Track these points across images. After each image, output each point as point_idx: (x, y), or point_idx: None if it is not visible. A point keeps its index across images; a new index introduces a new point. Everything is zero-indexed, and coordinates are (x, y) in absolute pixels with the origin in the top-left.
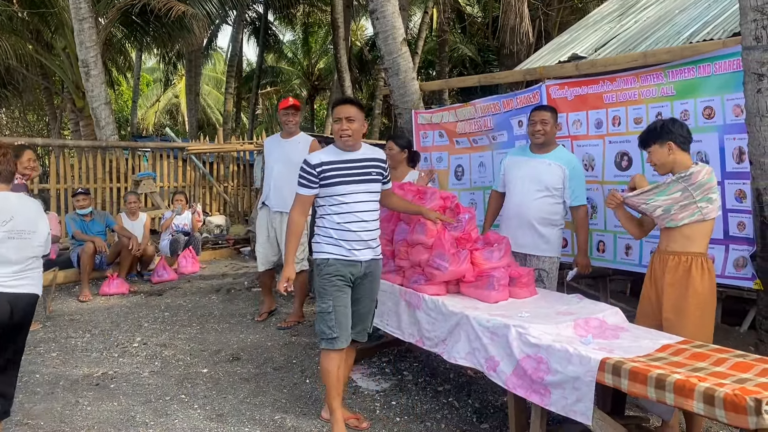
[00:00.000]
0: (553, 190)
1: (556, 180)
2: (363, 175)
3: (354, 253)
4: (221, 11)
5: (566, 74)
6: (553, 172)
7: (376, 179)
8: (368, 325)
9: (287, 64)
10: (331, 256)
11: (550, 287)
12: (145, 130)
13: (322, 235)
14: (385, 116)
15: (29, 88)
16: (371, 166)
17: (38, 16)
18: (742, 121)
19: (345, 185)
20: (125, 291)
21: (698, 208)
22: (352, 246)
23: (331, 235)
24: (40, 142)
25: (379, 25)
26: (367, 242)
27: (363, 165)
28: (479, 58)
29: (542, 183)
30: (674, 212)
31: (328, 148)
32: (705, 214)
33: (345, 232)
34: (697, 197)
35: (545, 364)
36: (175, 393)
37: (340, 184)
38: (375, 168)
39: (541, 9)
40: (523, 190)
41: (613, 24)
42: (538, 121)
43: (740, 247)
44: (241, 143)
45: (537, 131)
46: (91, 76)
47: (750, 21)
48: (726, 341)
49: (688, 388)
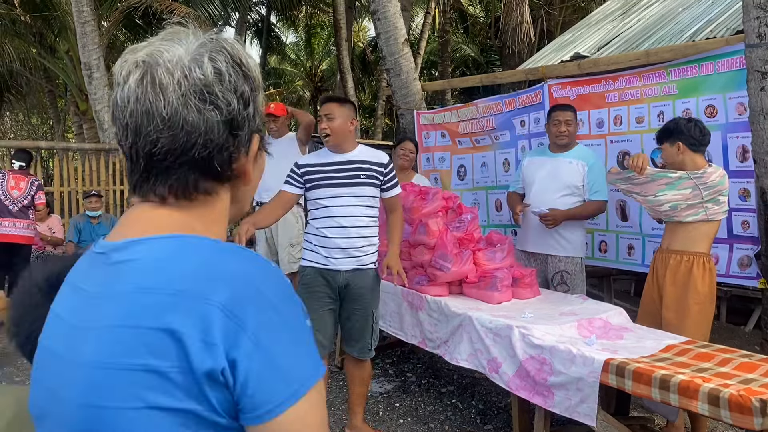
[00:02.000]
0: (575, 189)
1: (577, 178)
2: (349, 178)
3: (332, 261)
4: (224, 13)
5: (568, 73)
6: (575, 170)
7: (367, 183)
8: (368, 341)
9: (290, 65)
10: (308, 264)
11: (573, 289)
12: None
13: (305, 241)
14: (388, 117)
15: (33, 91)
16: (362, 168)
17: (41, 19)
18: (745, 120)
19: (325, 188)
20: None
21: (704, 208)
22: (330, 253)
23: (310, 240)
24: (43, 145)
25: (380, 26)
26: (347, 250)
27: (350, 167)
28: (481, 58)
29: (564, 182)
30: (680, 209)
31: (321, 151)
32: (710, 215)
33: (322, 238)
34: (705, 197)
35: (548, 365)
36: None
37: (320, 188)
38: (366, 171)
39: (544, 8)
40: (544, 189)
41: (615, 23)
42: (562, 122)
43: (744, 246)
44: None
45: (562, 132)
46: (94, 79)
47: (753, 18)
48: (731, 341)
49: (693, 389)
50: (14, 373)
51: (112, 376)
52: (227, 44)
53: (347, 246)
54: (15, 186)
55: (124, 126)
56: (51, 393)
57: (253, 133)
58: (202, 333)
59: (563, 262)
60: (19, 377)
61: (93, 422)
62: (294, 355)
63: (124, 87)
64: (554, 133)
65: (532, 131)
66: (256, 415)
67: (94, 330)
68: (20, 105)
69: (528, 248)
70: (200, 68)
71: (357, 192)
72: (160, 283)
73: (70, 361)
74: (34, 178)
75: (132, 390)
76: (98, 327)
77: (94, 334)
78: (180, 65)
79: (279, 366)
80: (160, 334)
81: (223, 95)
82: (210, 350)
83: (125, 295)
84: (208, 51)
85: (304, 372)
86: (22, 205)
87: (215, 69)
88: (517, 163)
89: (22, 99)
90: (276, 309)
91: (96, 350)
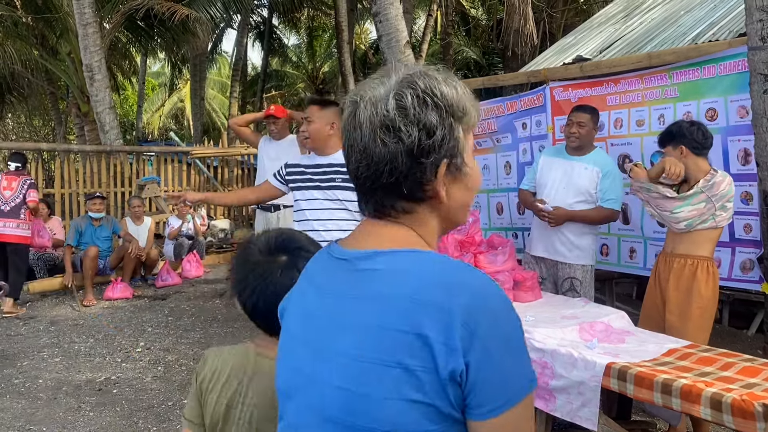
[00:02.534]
0: (588, 195)
1: (591, 184)
2: (324, 181)
3: None
4: (225, 15)
5: (571, 76)
6: (590, 176)
7: (341, 186)
8: None
9: (292, 67)
10: None
11: (582, 297)
12: (151, 135)
13: None
14: None
15: (34, 93)
16: (339, 172)
17: (43, 21)
18: (746, 123)
19: (303, 191)
20: (129, 295)
21: (713, 216)
22: None
23: None
24: (45, 147)
25: (382, 29)
26: None
27: (327, 171)
28: (483, 61)
29: (577, 187)
30: (695, 225)
31: (312, 153)
32: (718, 222)
33: None
34: (718, 208)
35: (550, 368)
36: (178, 399)
37: (298, 189)
38: (342, 174)
39: (546, 11)
40: (556, 194)
41: (617, 25)
42: (574, 123)
43: (747, 249)
44: (245, 147)
45: (572, 133)
46: (96, 81)
47: (756, 21)
48: (733, 345)
49: (695, 393)
50: (14, 375)
51: (371, 369)
52: (420, 78)
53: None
54: (7, 186)
55: (346, 152)
56: (300, 374)
57: (443, 158)
58: (446, 338)
59: (573, 269)
60: (18, 379)
61: (351, 404)
62: (513, 365)
63: (342, 121)
64: (565, 134)
65: (534, 134)
66: (480, 412)
67: (352, 327)
68: (22, 107)
69: (538, 253)
70: (385, 105)
71: (330, 195)
72: (406, 291)
73: (325, 350)
74: (27, 178)
75: (388, 383)
76: (355, 325)
77: (353, 330)
78: (373, 103)
79: (501, 373)
80: (412, 337)
81: (406, 128)
82: (452, 354)
83: (376, 300)
84: (398, 87)
85: (520, 382)
86: (13, 204)
87: (399, 105)
88: (518, 165)
89: (24, 100)
90: (502, 320)
91: (355, 345)
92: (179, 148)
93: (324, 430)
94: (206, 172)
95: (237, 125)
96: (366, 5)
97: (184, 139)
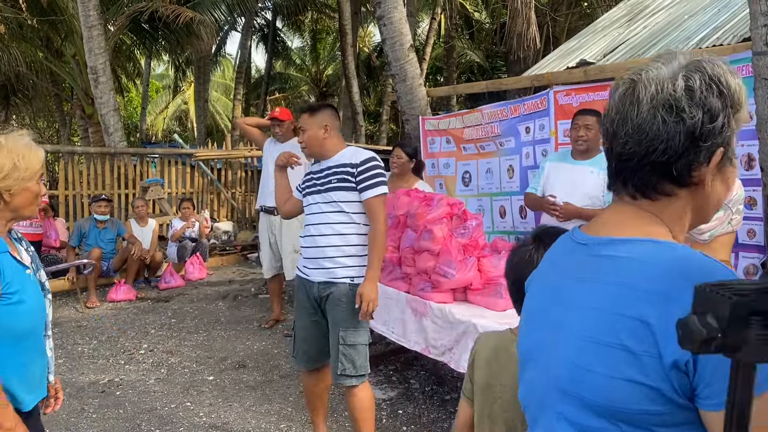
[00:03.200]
0: (596, 200)
1: (598, 188)
2: (322, 184)
3: (306, 271)
4: (230, 18)
5: (574, 80)
6: (596, 180)
7: (336, 187)
8: (339, 367)
9: (295, 70)
10: (296, 272)
11: None
12: (155, 137)
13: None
14: (393, 122)
15: (39, 95)
16: (335, 173)
17: (48, 23)
18: (750, 128)
19: (307, 196)
20: (132, 297)
21: (729, 221)
22: (305, 263)
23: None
24: (49, 149)
25: (386, 32)
26: (317, 260)
27: (327, 173)
28: (487, 64)
29: (585, 192)
30: (717, 233)
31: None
32: (734, 225)
33: (302, 247)
34: (734, 212)
35: None
36: (181, 401)
37: (305, 195)
38: (337, 174)
39: (549, 15)
40: (564, 199)
41: (621, 29)
42: (581, 126)
43: (751, 254)
44: (248, 149)
45: (580, 137)
46: (100, 83)
47: (760, 26)
48: None
49: None
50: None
51: (597, 349)
52: (708, 64)
53: (318, 255)
54: None
55: (605, 131)
56: (538, 344)
57: (719, 146)
58: (670, 327)
59: None
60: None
61: (580, 378)
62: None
63: (612, 97)
64: (573, 138)
65: (537, 138)
66: (710, 403)
67: (583, 309)
68: (26, 108)
69: None
70: (672, 85)
71: (326, 198)
72: (638, 280)
73: (558, 326)
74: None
75: (613, 362)
76: (586, 307)
77: (583, 312)
78: (656, 82)
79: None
80: (637, 323)
81: (690, 109)
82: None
83: (610, 285)
84: (686, 70)
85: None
86: None
87: (687, 86)
88: (521, 169)
89: (29, 102)
90: None
91: (583, 326)
92: (183, 150)
93: (553, 398)
94: (210, 175)
95: (245, 124)
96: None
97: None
